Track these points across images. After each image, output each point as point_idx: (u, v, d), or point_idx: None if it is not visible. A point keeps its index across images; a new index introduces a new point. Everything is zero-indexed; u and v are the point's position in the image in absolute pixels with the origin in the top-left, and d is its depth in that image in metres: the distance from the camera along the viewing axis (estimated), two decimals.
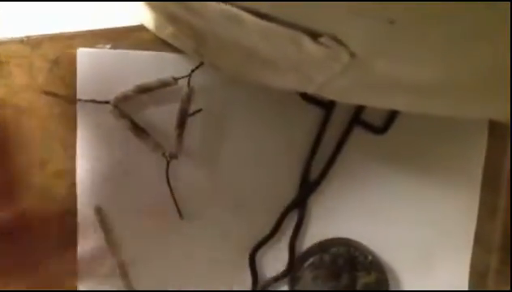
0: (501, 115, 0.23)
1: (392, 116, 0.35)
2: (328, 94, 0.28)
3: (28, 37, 0.34)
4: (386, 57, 0.19)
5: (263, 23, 0.20)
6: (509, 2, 0.14)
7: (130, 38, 0.35)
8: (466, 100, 0.22)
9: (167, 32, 0.33)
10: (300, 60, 0.23)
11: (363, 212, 0.36)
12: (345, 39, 0.19)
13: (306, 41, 0.20)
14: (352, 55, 0.20)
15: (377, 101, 0.26)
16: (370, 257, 0.35)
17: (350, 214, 0.36)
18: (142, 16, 0.34)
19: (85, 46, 0.34)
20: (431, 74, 0.20)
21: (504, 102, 0.20)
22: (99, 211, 0.35)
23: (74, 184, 0.35)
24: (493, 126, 0.36)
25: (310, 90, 0.28)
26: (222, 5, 0.20)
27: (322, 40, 0.20)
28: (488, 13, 0.15)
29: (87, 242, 0.35)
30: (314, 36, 0.20)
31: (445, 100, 0.22)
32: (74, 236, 0.35)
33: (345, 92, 0.26)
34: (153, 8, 0.31)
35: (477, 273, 0.37)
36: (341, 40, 0.19)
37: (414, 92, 0.22)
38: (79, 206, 0.35)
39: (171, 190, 0.35)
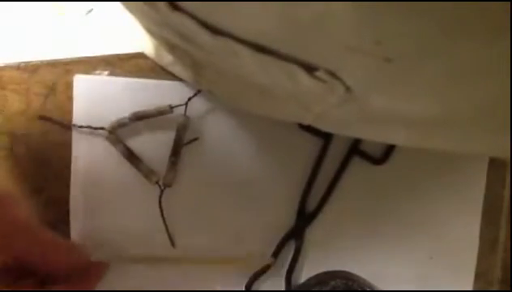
0: (501, 152, 0.23)
1: (391, 146, 0.35)
2: (325, 126, 0.27)
3: (25, 63, 0.34)
4: (383, 93, 0.19)
5: (259, 55, 0.20)
6: (509, 39, 0.14)
7: (128, 65, 0.34)
8: (465, 136, 0.22)
9: (166, 60, 0.33)
10: (297, 91, 0.22)
11: (361, 243, 0.35)
12: (341, 74, 0.19)
13: (301, 75, 0.20)
14: (348, 89, 0.19)
15: (374, 135, 0.25)
16: (369, 290, 0.34)
17: (348, 246, 0.35)
18: (142, 44, 0.34)
19: (83, 72, 0.34)
20: (429, 110, 0.19)
21: (504, 139, 0.20)
22: None
23: (67, 211, 0.34)
24: (493, 158, 0.35)
25: (307, 121, 0.27)
26: (216, 38, 0.20)
27: (318, 74, 0.19)
28: (488, 50, 0.15)
29: None
30: (310, 69, 0.19)
31: (443, 135, 0.22)
32: None
33: (342, 124, 0.25)
34: (153, 36, 0.31)
35: None
36: (337, 75, 0.19)
37: (412, 127, 0.22)
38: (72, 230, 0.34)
39: (163, 218, 0.34)
